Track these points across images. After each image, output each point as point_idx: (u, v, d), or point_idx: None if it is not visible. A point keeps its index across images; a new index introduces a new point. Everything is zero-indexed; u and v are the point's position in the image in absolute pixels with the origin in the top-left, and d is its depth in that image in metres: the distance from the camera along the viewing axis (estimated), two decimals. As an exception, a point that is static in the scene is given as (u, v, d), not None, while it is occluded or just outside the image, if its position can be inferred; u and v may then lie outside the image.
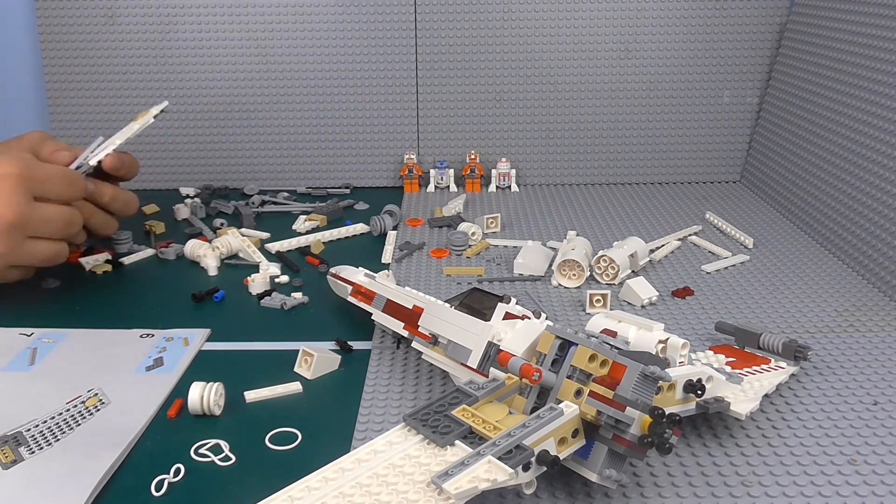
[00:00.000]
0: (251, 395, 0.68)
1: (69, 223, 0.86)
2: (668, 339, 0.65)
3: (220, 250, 0.98)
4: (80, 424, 0.64)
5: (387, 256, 1.01)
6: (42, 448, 0.61)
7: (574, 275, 0.91)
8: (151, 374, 0.72)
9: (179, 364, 0.74)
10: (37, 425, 0.64)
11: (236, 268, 0.97)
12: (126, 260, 0.99)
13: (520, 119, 1.32)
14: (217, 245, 0.99)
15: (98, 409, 0.66)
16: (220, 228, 1.09)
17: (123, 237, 1.02)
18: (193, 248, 0.98)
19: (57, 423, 0.64)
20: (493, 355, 0.61)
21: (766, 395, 0.66)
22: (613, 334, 0.67)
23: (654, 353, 0.63)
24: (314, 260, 0.98)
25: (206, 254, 0.97)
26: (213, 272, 0.96)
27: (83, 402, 0.67)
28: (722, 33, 1.29)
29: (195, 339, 0.79)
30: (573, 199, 1.25)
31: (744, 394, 0.64)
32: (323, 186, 1.30)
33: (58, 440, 0.62)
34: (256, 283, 0.90)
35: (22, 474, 0.58)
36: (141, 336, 0.79)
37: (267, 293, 0.89)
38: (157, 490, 0.56)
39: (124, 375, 0.72)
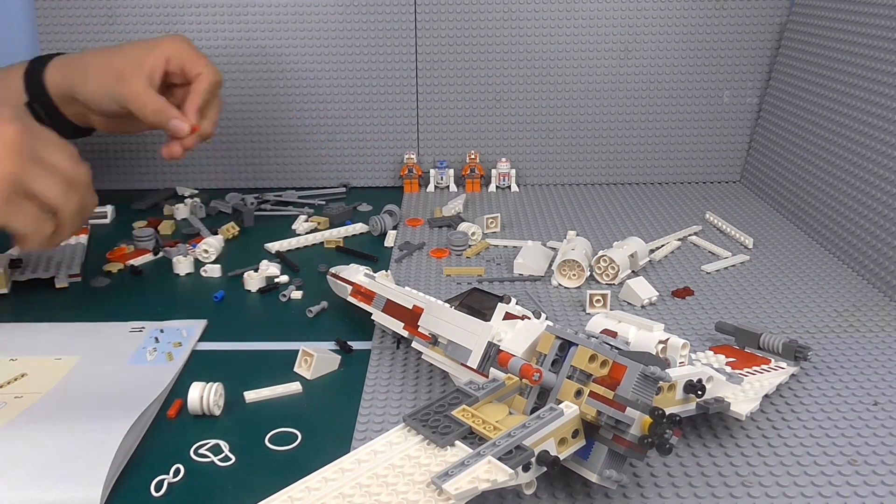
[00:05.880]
0: (251, 395, 0.68)
1: (74, 177, 0.74)
2: (668, 339, 0.65)
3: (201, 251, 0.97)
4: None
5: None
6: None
7: (574, 275, 0.91)
8: (153, 362, 0.74)
9: (180, 351, 0.75)
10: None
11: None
12: (136, 262, 0.98)
13: (520, 119, 1.32)
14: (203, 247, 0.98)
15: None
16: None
17: (147, 235, 1.01)
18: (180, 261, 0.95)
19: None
20: (493, 355, 0.61)
21: (766, 396, 0.66)
22: (613, 334, 0.67)
23: (654, 353, 0.63)
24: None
25: (179, 259, 0.95)
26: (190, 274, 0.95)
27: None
28: (722, 33, 1.29)
29: (193, 331, 0.79)
30: (573, 199, 1.25)
31: (744, 394, 0.64)
32: (320, 187, 1.30)
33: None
34: (253, 280, 0.90)
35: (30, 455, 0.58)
36: (131, 330, 0.80)
37: (266, 289, 0.90)
38: (157, 490, 0.56)
39: (121, 364, 0.73)
